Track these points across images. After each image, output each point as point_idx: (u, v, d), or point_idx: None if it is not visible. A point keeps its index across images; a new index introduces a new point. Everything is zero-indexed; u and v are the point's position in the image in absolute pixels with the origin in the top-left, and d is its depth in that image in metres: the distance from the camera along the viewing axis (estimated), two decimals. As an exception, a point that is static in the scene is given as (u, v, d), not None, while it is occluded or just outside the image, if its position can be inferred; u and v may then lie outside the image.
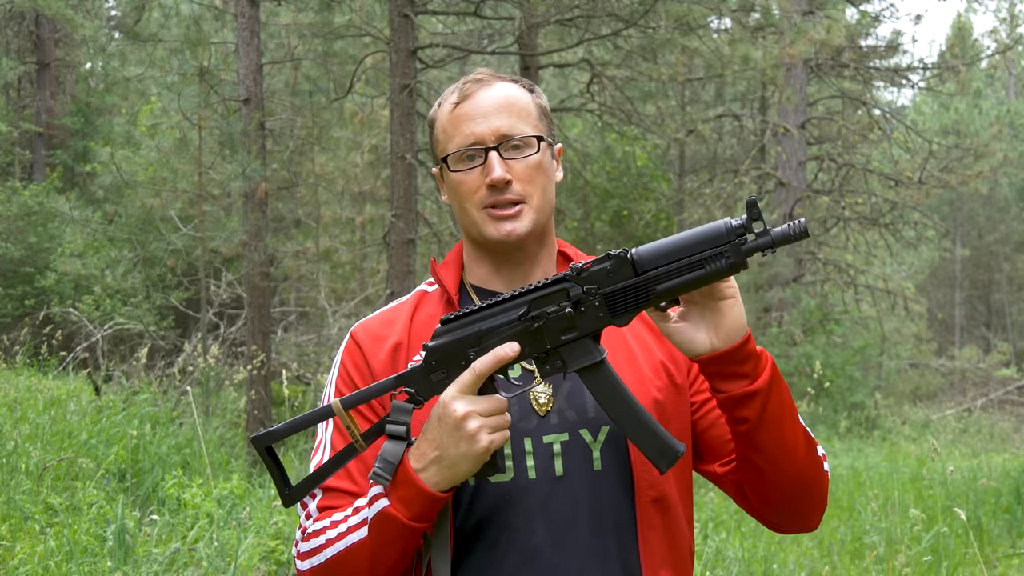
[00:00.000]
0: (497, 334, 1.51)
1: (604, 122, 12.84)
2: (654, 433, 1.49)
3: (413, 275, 8.47)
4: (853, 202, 16.47)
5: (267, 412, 9.17)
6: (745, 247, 1.43)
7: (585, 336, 1.50)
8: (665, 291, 1.46)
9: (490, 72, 1.73)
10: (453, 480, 1.50)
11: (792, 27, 12.17)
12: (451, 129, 1.69)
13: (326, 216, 12.65)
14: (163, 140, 10.00)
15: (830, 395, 14.96)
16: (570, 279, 1.50)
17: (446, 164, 1.69)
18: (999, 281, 28.98)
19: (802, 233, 1.40)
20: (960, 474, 8.66)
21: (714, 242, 1.43)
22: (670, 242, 1.46)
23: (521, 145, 1.67)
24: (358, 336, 1.74)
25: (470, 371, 1.50)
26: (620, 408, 1.51)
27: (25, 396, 8.11)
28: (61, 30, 18.98)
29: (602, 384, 1.51)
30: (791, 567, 5.84)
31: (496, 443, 1.48)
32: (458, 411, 1.48)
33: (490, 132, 1.66)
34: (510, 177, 1.65)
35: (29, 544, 4.86)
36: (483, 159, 1.66)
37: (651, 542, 1.63)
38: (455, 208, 1.73)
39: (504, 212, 1.66)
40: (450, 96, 1.71)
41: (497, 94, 1.69)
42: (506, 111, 1.67)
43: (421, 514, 1.51)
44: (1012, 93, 30.71)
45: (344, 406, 1.55)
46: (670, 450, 1.48)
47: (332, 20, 10.29)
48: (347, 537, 1.56)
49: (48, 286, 15.07)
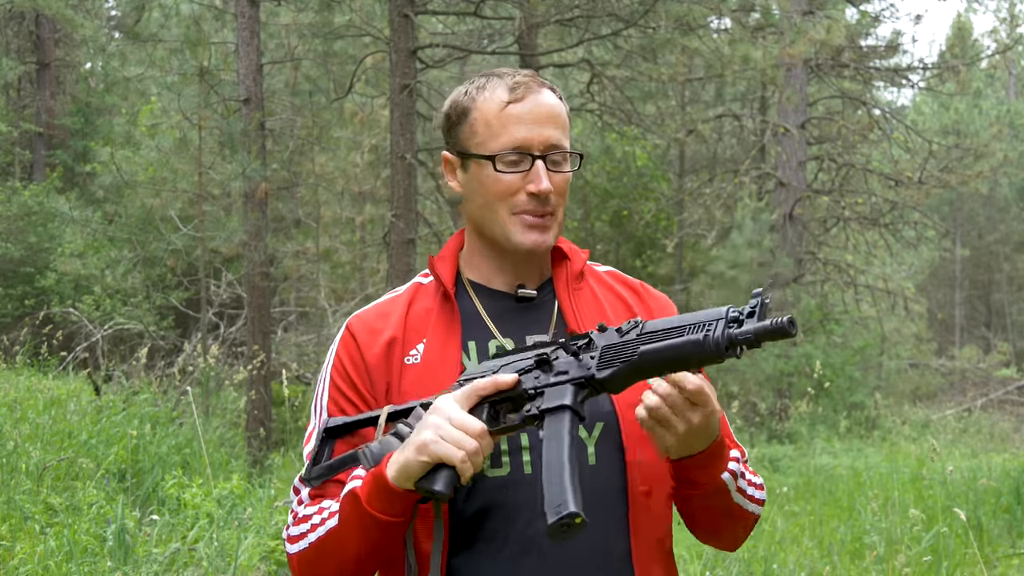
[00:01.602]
0: (513, 366, 1.57)
1: (604, 122, 12.85)
2: (562, 484, 1.45)
3: (413, 275, 8.43)
4: (853, 202, 16.47)
5: (267, 412, 9.17)
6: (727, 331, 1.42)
7: (569, 382, 1.52)
8: (645, 352, 1.47)
9: (534, 75, 1.74)
10: (400, 469, 1.49)
11: (792, 27, 12.17)
12: (498, 126, 1.68)
13: (326, 216, 12.66)
14: (163, 140, 10.00)
15: (830, 395, 14.96)
16: (593, 336, 1.55)
17: (489, 161, 1.68)
18: (999, 281, 28.98)
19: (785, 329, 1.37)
20: (960, 474, 8.66)
21: (705, 318, 1.45)
22: (675, 317, 1.50)
23: (562, 160, 1.70)
24: (354, 328, 1.74)
25: (470, 384, 1.54)
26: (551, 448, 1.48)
27: (25, 396, 8.10)
28: (61, 30, 18.98)
29: (554, 425, 1.50)
30: (791, 567, 5.84)
31: (440, 450, 1.47)
32: (437, 405, 1.52)
33: (541, 141, 1.67)
34: (552, 189, 1.68)
35: (29, 544, 4.86)
36: (528, 165, 1.67)
37: (642, 534, 1.66)
38: (476, 202, 1.72)
39: (538, 221, 1.68)
40: (496, 90, 1.70)
41: (548, 101, 1.70)
42: (553, 122, 1.69)
43: (376, 498, 1.51)
44: (1012, 93, 30.71)
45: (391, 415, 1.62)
46: (564, 507, 1.42)
47: (332, 20, 10.29)
48: (327, 523, 1.59)
49: (48, 286, 15.07)
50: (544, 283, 1.77)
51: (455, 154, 1.74)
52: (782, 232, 15.58)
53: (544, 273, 1.77)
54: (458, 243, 1.80)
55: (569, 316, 1.72)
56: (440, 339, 1.70)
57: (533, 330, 1.72)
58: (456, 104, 1.74)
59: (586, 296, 1.76)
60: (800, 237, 15.94)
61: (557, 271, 1.77)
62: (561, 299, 1.74)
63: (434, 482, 1.47)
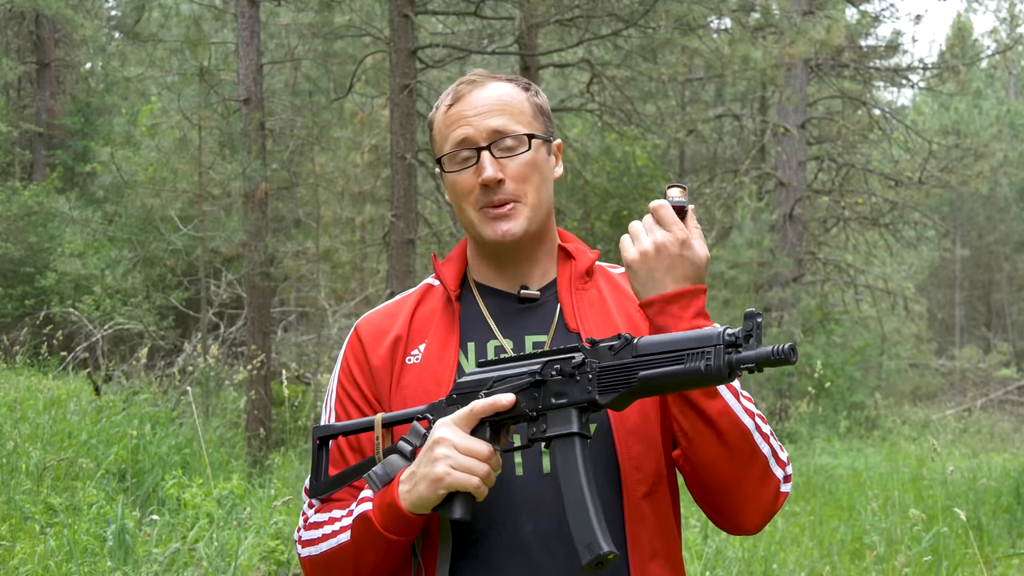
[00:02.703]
0: (508, 383, 1.55)
1: (604, 122, 12.85)
2: (590, 524, 1.48)
3: (413, 275, 8.47)
4: (853, 202, 16.48)
5: (267, 412, 9.17)
6: (727, 356, 1.42)
7: (571, 405, 1.52)
8: (645, 378, 1.46)
9: (485, 72, 1.74)
10: (416, 500, 1.51)
11: (792, 27, 12.17)
12: (445, 130, 1.70)
13: (326, 216, 12.65)
14: (163, 140, 9.99)
15: (830, 395, 14.96)
16: (583, 349, 1.52)
17: (441, 165, 1.71)
18: (999, 281, 28.97)
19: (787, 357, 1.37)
20: (960, 474, 8.66)
21: (701, 342, 1.44)
22: (669, 337, 1.48)
23: (513, 144, 1.67)
24: (361, 331, 1.76)
25: (468, 407, 1.53)
26: (571, 484, 1.51)
27: (25, 396, 8.10)
28: (61, 30, 18.98)
29: (567, 455, 1.51)
30: (791, 567, 5.84)
31: (456, 481, 1.49)
32: (436, 434, 1.52)
33: (482, 131, 1.66)
34: (502, 176, 1.65)
35: (29, 544, 4.86)
36: (476, 159, 1.66)
37: (640, 537, 1.63)
38: (455, 208, 1.73)
39: (498, 211, 1.66)
40: (446, 98, 1.72)
41: (490, 94, 1.69)
42: (499, 110, 1.68)
43: (392, 525, 1.54)
44: (1012, 93, 30.70)
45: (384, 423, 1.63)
46: (596, 546, 1.46)
47: (332, 20, 10.29)
48: (339, 536, 1.61)
49: (48, 286, 15.06)
50: (549, 283, 1.76)
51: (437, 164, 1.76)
52: (782, 232, 15.58)
53: (549, 273, 1.77)
54: (465, 246, 1.81)
55: (569, 317, 1.70)
56: (440, 340, 1.71)
57: (534, 331, 1.71)
58: (428, 121, 1.78)
59: (591, 297, 1.74)
60: (800, 237, 15.94)
61: (561, 271, 1.76)
62: (563, 299, 1.73)
63: (453, 511, 1.51)
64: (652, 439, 1.66)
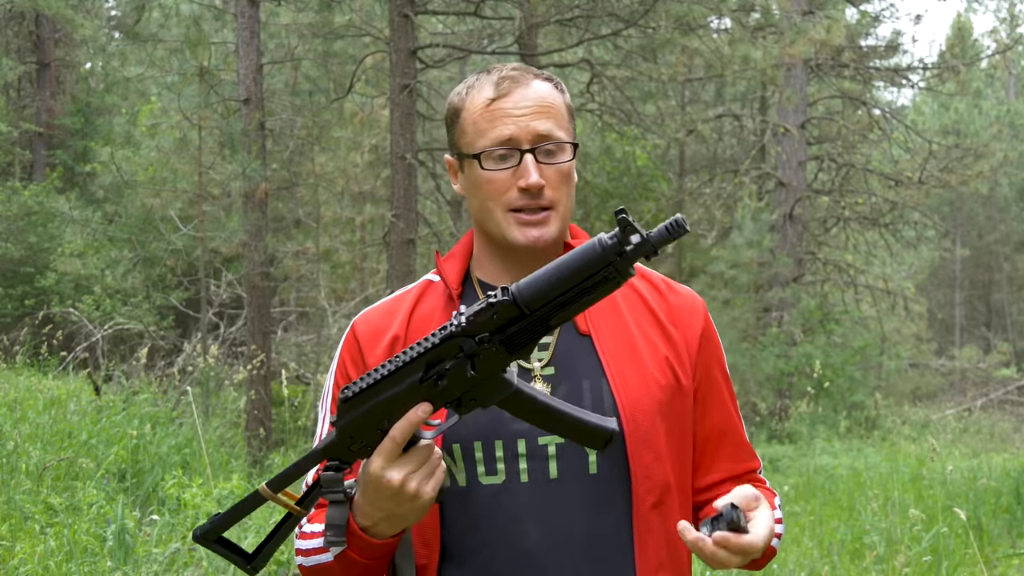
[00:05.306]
0: (404, 400, 1.46)
1: (604, 122, 12.85)
2: (583, 422, 1.46)
3: (413, 275, 8.46)
4: (853, 202, 16.48)
5: (267, 412, 9.17)
6: (627, 259, 1.36)
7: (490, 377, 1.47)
8: (559, 323, 1.42)
9: (524, 67, 1.68)
10: (405, 526, 1.52)
11: (792, 27, 12.17)
12: (484, 124, 1.63)
13: (326, 216, 12.64)
14: (163, 140, 9.99)
15: (830, 395, 14.96)
16: (457, 335, 1.42)
17: (476, 160, 1.63)
18: (999, 281, 28.97)
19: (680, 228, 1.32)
20: (960, 474, 8.66)
21: (596, 266, 1.36)
22: (551, 274, 1.38)
23: (556, 151, 1.63)
24: (358, 330, 1.72)
25: (390, 439, 1.45)
26: (545, 417, 1.48)
27: (25, 396, 8.10)
28: (61, 30, 18.98)
29: (522, 406, 1.48)
30: (791, 567, 5.84)
31: (418, 514, 1.50)
32: (394, 479, 1.45)
33: (527, 134, 1.61)
34: (544, 183, 1.61)
35: (29, 544, 4.85)
36: (517, 161, 1.61)
37: (648, 547, 1.60)
38: (474, 203, 1.68)
39: (533, 217, 1.62)
40: (483, 88, 1.65)
41: (535, 94, 1.64)
42: (544, 113, 1.63)
43: (379, 556, 1.54)
44: (1012, 93, 30.70)
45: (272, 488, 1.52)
46: (601, 430, 1.46)
47: (332, 20, 10.30)
48: (323, 555, 1.59)
49: (48, 286, 15.07)
50: None
51: (454, 156, 1.70)
52: (782, 232, 15.58)
53: None
54: (469, 242, 1.76)
55: (579, 318, 1.66)
56: None
57: None
58: (450, 106, 1.71)
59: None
60: (800, 237, 15.95)
61: None
62: None
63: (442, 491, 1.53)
64: (659, 449, 1.62)
